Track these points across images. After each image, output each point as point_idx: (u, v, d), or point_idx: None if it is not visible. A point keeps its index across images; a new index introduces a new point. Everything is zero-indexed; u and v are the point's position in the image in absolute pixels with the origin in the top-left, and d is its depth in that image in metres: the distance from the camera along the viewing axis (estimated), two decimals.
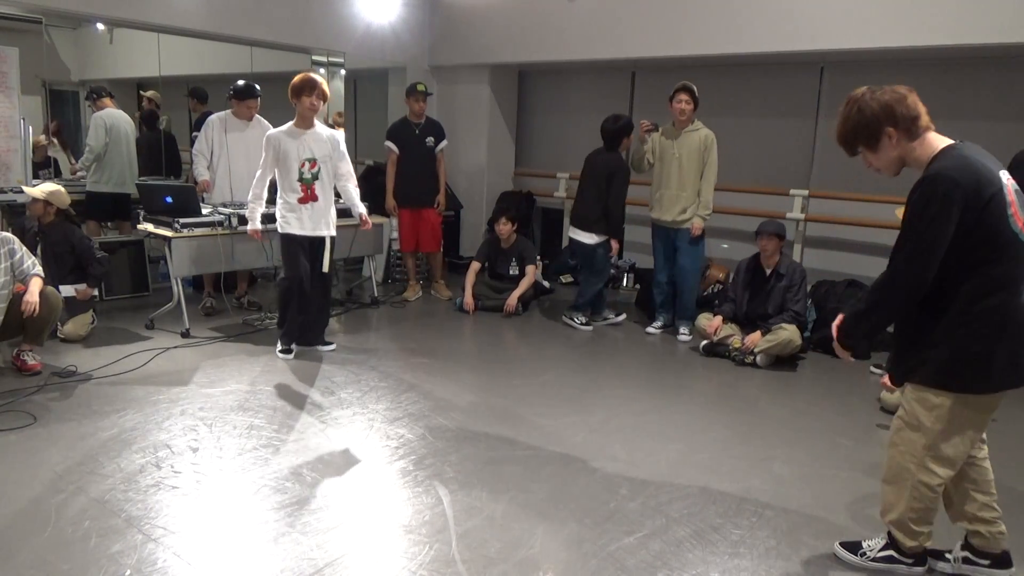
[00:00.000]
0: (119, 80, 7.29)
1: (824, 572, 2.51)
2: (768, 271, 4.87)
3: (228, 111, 5.34)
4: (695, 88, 5.11)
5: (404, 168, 6.14)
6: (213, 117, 5.35)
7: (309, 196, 4.43)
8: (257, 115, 5.40)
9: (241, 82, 5.31)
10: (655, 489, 3.04)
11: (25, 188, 4.71)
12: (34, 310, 3.83)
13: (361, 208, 4.71)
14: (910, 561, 2.46)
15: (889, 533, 2.47)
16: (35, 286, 3.90)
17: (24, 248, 3.98)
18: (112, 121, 5.86)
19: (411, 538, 2.59)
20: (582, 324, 5.63)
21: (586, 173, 5.51)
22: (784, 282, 4.80)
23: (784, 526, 2.79)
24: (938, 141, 2.20)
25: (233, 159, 5.30)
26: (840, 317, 2.41)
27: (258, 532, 2.59)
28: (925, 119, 2.20)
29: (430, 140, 6.14)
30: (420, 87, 6.05)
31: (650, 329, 5.57)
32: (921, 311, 2.22)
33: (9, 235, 3.96)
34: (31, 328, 4.04)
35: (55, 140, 6.72)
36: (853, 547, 2.55)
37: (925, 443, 2.28)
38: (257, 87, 5.35)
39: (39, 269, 4.01)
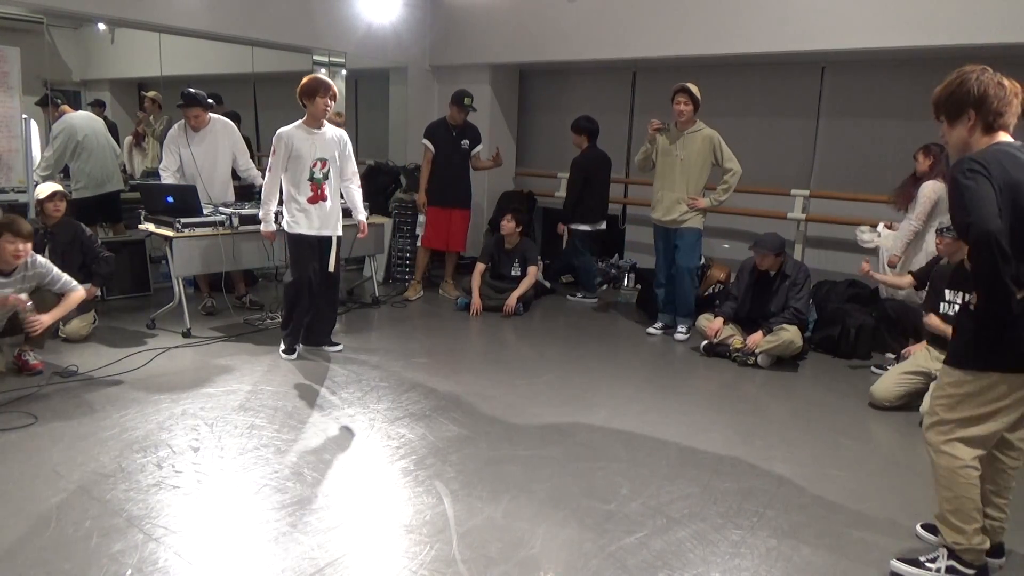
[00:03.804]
0: (120, 80, 7.30)
1: (825, 572, 2.51)
2: (772, 273, 4.87)
3: (183, 120, 5.26)
4: (693, 89, 5.08)
5: (438, 168, 6.18)
6: (172, 130, 5.28)
7: (319, 196, 4.42)
8: (213, 115, 5.32)
9: (189, 89, 5.17)
10: (656, 489, 3.04)
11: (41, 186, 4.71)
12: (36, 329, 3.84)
13: (362, 215, 4.73)
14: (971, 573, 2.41)
15: (944, 546, 2.46)
16: (74, 298, 3.99)
17: (56, 270, 4.02)
18: (71, 129, 5.61)
19: (412, 538, 2.60)
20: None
21: (599, 171, 6.26)
22: (788, 281, 4.80)
23: (785, 526, 2.79)
24: (998, 139, 2.24)
25: (201, 166, 5.25)
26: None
27: (259, 532, 2.60)
28: (1008, 120, 2.24)
29: (465, 143, 6.19)
30: (467, 101, 6.09)
31: (651, 330, 5.57)
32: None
33: (42, 260, 3.98)
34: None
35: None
36: (913, 563, 2.51)
37: (947, 428, 2.34)
38: (200, 95, 5.18)
39: (75, 285, 4.06)
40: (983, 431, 2.31)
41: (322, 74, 7.24)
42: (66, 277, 4.05)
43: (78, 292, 4.06)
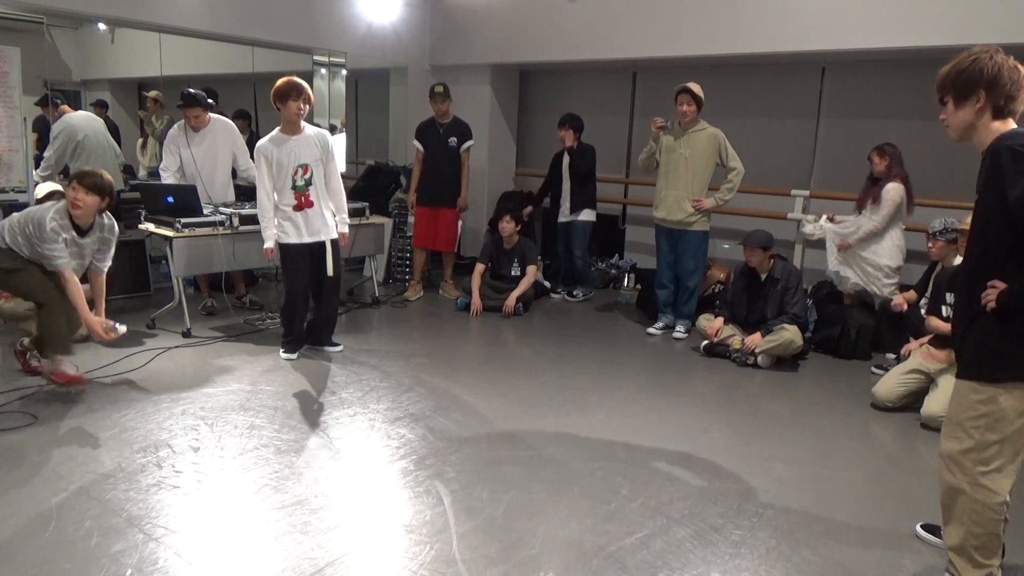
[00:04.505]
0: (120, 80, 7.30)
1: (825, 573, 2.51)
2: (763, 276, 4.86)
3: (183, 121, 5.25)
4: (694, 88, 5.08)
5: (427, 166, 6.16)
6: (172, 130, 5.29)
7: (304, 203, 4.38)
8: (213, 115, 5.32)
9: (188, 90, 5.15)
10: (656, 489, 3.04)
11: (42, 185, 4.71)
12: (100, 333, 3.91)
13: (343, 226, 4.59)
14: None
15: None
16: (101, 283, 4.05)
17: (112, 249, 4.08)
18: (71, 129, 5.59)
19: (412, 538, 2.60)
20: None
21: None
22: (780, 286, 4.80)
23: (785, 526, 2.79)
24: (1011, 127, 2.12)
25: (201, 166, 5.26)
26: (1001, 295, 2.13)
27: (259, 532, 2.60)
28: (1018, 106, 2.12)
29: (453, 140, 6.13)
30: (437, 88, 6.05)
31: (651, 330, 5.56)
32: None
33: (115, 228, 4.04)
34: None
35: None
36: None
37: (990, 453, 2.14)
38: (199, 95, 5.16)
39: (108, 264, 4.08)
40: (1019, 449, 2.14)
41: (321, 74, 7.26)
42: (111, 255, 4.08)
43: (102, 277, 4.08)
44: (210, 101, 5.29)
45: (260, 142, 4.38)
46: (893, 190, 4.91)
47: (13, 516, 2.63)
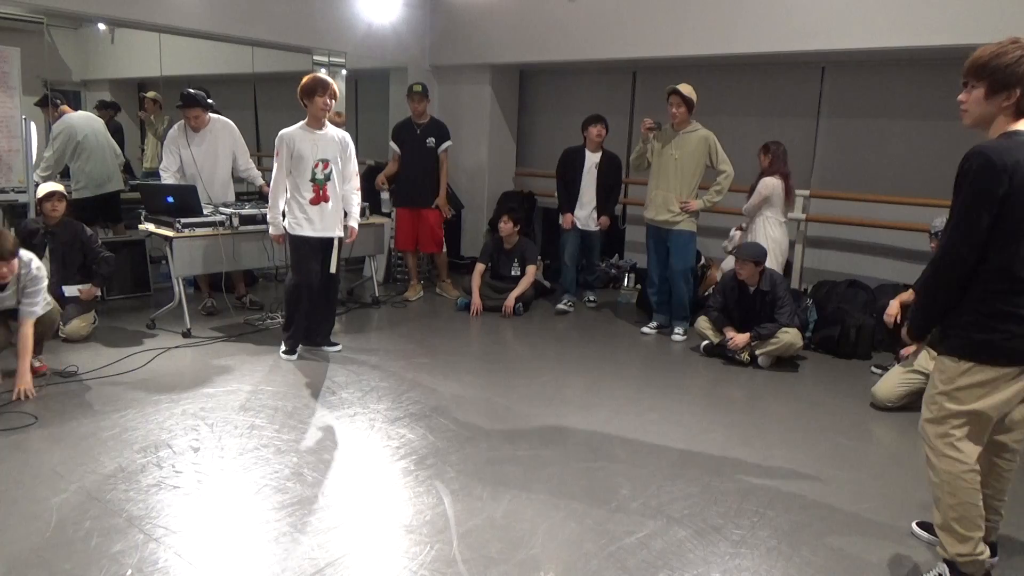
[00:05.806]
0: (120, 80, 7.30)
1: (825, 572, 2.51)
2: (752, 289, 4.84)
3: (183, 121, 5.26)
4: (684, 90, 5.04)
5: (404, 168, 6.14)
6: (173, 130, 5.29)
7: (321, 197, 4.41)
8: (212, 115, 5.32)
9: (188, 90, 5.17)
10: (656, 489, 3.04)
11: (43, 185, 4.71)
12: (24, 395, 3.68)
13: (354, 221, 4.65)
14: None
15: (945, 560, 2.38)
16: (26, 348, 3.70)
17: (43, 291, 3.78)
18: (71, 130, 5.60)
19: (412, 538, 2.60)
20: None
21: None
22: (770, 298, 4.78)
23: (785, 526, 2.79)
24: (1019, 126, 2.14)
25: (201, 166, 5.26)
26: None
27: (259, 532, 2.60)
28: None
29: (431, 141, 6.09)
30: (416, 88, 6.03)
31: (645, 329, 5.56)
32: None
33: (37, 269, 3.74)
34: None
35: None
36: None
37: (938, 428, 2.28)
38: (199, 96, 5.18)
39: (38, 310, 3.77)
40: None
41: (322, 74, 7.26)
42: (42, 301, 3.78)
43: (29, 325, 3.72)
44: (210, 101, 5.29)
45: (283, 130, 4.38)
46: (763, 184, 5.29)
47: (13, 516, 2.63)
